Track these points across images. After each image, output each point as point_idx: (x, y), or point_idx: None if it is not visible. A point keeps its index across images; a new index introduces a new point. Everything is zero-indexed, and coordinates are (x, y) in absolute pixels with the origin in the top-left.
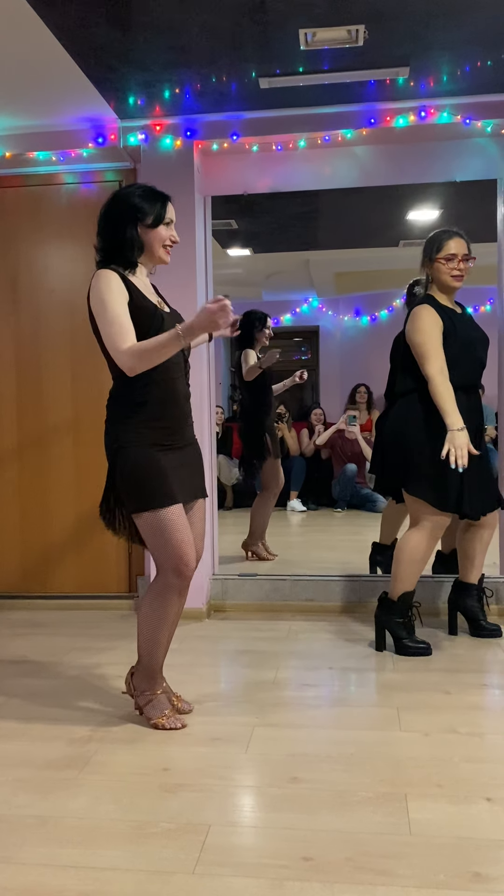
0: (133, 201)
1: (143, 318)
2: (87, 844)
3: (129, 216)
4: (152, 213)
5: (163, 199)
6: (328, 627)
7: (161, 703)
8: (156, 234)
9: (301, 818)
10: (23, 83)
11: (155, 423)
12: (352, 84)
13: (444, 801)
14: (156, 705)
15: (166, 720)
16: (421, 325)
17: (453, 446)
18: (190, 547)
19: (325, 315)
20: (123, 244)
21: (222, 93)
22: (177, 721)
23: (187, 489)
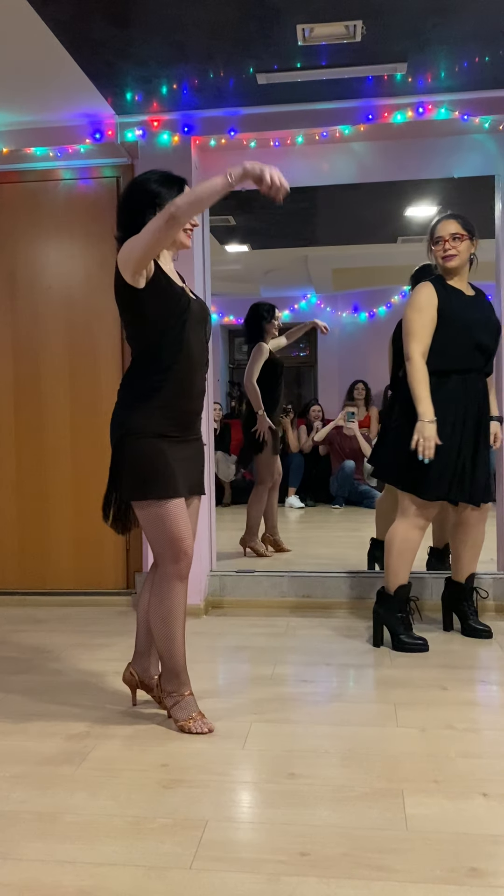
0: (150, 187)
1: (171, 298)
2: (84, 840)
3: (148, 202)
4: (170, 197)
5: (179, 182)
6: (326, 623)
7: (189, 705)
8: None
9: (298, 813)
10: (20, 79)
11: (166, 412)
12: (349, 80)
13: (440, 796)
14: (183, 707)
15: (193, 723)
16: (414, 300)
17: (421, 437)
18: (188, 536)
19: (323, 311)
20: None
21: (220, 88)
22: (204, 725)
23: (188, 484)
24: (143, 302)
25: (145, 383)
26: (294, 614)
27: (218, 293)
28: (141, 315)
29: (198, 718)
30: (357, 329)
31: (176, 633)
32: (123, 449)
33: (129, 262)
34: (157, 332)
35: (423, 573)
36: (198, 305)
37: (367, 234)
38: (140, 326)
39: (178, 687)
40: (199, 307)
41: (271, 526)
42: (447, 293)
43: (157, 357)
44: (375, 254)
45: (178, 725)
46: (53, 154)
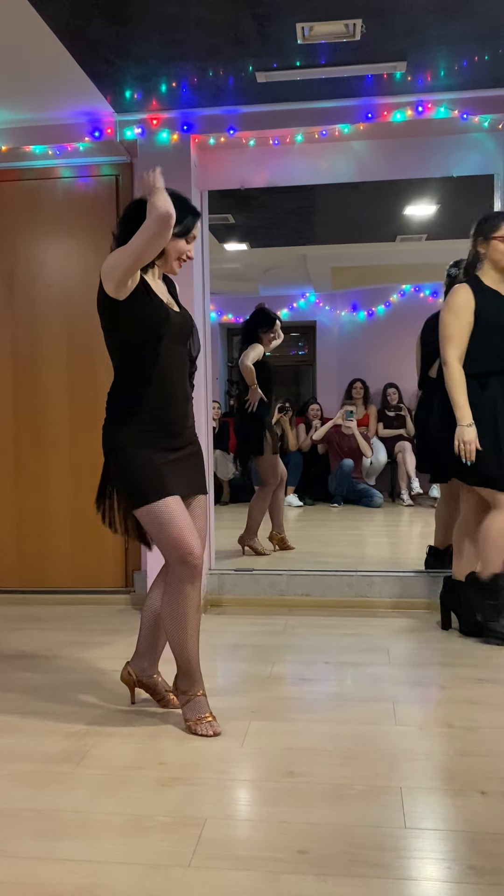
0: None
1: (148, 310)
2: (83, 838)
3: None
4: (182, 223)
5: (195, 213)
6: (324, 622)
7: (199, 706)
8: (176, 244)
9: (297, 812)
10: (19, 77)
11: (150, 426)
12: (349, 78)
13: (438, 794)
14: (193, 707)
15: (200, 725)
16: (452, 303)
17: (462, 441)
18: (191, 535)
19: (322, 310)
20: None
21: (219, 87)
22: (210, 727)
23: (184, 484)
24: (121, 314)
25: (126, 398)
26: (293, 613)
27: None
28: (118, 328)
29: (205, 721)
30: (356, 328)
31: (189, 636)
32: (111, 465)
33: (116, 271)
34: (134, 347)
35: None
36: (180, 318)
37: (366, 232)
38: (118, 339)
39: (191, 686)
40: (182, 320)
41: (278, 524)
42: (483, 295)
43: (134, 370)
44: (374, 252)
45: (186, 725)
46: (52, 152)
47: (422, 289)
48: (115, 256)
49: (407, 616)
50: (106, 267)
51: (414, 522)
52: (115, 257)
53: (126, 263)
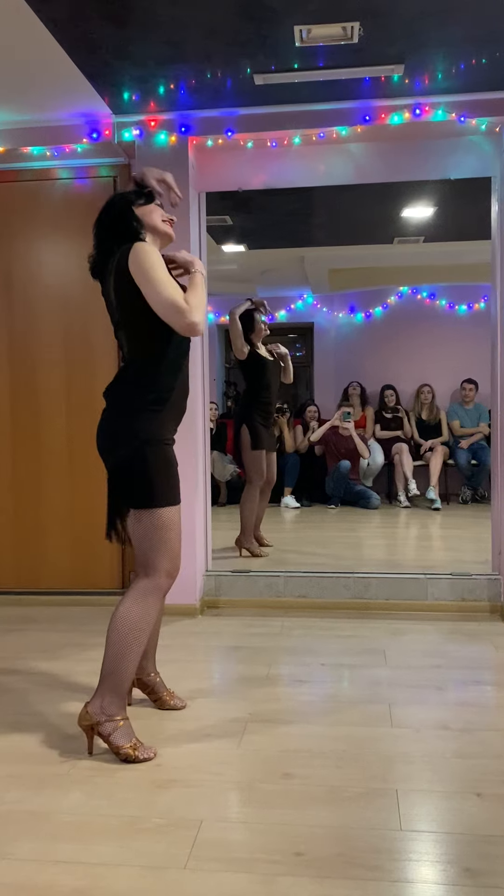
0: (122, 193)
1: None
2: (79, 840)
3: (124, 204)
4: (141, 193)
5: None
6: (321, 624)
7: (127, 731)
8: (151, 212)
9: (293, 814)
10: (17, 78)
11: (171, 416)
12: (347, 81)
13: (434, 796)
14: (123, 733)
15: (138, 751)
16: None
17: None
18: (179, 549)
19: (319, 311)
20: (125, 222)
21: (217, 89)
22: (148, 751)
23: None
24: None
25: (156, 385)
26: (289, 615)
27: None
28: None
29: (138, 744)
30: (353, 329)
31: (137, 650)
32: (143, 458)
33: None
34: (166, 337)
35: (419, 574)
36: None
37: (364, 234)
38: (151, 331)
39: (118, 710)
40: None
41: (257, 520)
42: None
43: (167, 361)
44: (372, 254)
45: (121, 753)
46: (50, 153)
47: (419, 291)
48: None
49: (403, 618)
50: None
51: (411, 524)
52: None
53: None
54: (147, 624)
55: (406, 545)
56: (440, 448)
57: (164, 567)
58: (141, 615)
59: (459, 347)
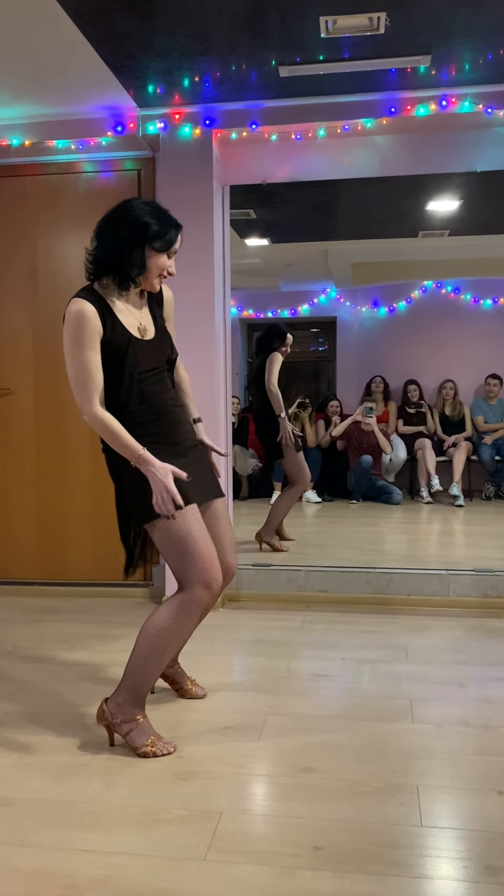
0: (145, 219)
1: (111, 350)
2: (100, 829)
3: (139, 234)
4: (163, 237)
5: (177, 227)
6: (342, 618)
7: (145, 731)
8: (158, 260)
9: (312, 807)
10: (42, 71)
11: (147, 436)
12: (372, 72)
13: (455, 793)
14: (140, 732)
15: (155, 748)
16: None
17: None
18: (214, 558)
19: (342, 306)
20: (124, 261)
21: (242, 81)
22: (167, 746)
23: (199, 490)
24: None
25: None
26: (310, 609)
27: (238, 287)
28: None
29: (157, 741)
30: (376, 324)
31: (164, 659)
32: (123, 481)
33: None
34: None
35: (441, 570)
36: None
37: (388, 228)
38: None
39: (136, 712)
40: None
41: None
42: None
43: (114, 394)
44: (396, 248)
45: (139, 752)
46: (75, 147)
47: (443, 285)
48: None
49: (425, 614)
50: (66, 342)
51: (433, 520)
52: (71, 363)
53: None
54: (177, 636)
55: (428, 541)
56: (464, 444)
57: (195, 577)
58: (172, 626)
59: (484, 342)
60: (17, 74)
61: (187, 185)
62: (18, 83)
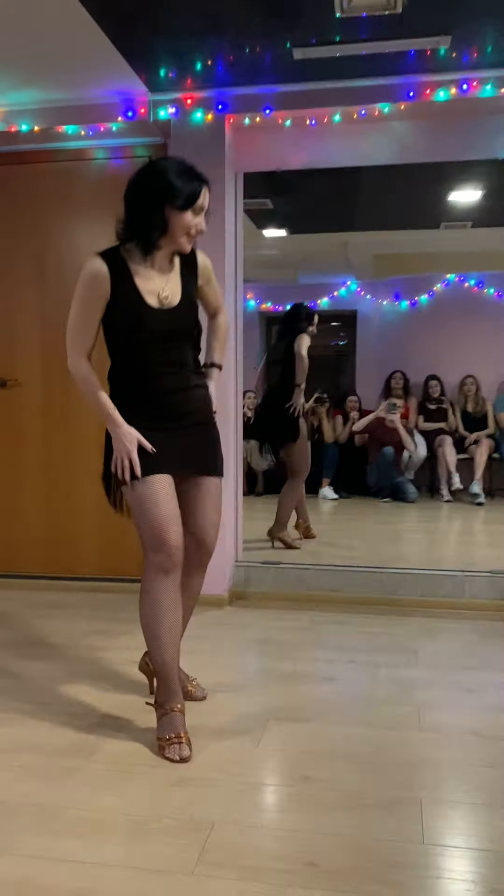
0: (168, 177)
1: (119, 312)
2: (86, 837)
3: (160, 193)
4: (184, 194)
5: (199, 180)
6: (351, 620)
7: (172, 723)
8: (181, 218)
9: (309, 820)
10: (51, 55)
11: (139, 409)
12: (390, 55)
13: (461, 808)
14: (166, 724)
15: (169, 747)
16: None
17: None
18: (171, 522)
19: (363, 299)
20: (146, 223)
21: (255, 64)
22: (178, 752)
23: (183, 464)
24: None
25: (118, 382)
26: (320, 609)
27: (255, 280)
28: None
29: (175, 742)
30: (397, 317)
31: (162, 634)
32: (107, 438)
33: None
34: (115, 341)
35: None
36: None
37: (409, 219)
38: (105, 327)
39: (168, 698)
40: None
41: (304, 513)
42: None
43: (118, 363)
44: (418, 240)
45: (157, 744)
46: (85, 132)
47: (466, 278)
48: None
49: (438, 616)
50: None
51: (452, 519)
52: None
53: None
54: (159, 607)
55: (445, 540)
56: (486, 441)
57: (146, 540)
58: (148, 601)
59: None
60: (26, 58)
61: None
62: (27, 67)
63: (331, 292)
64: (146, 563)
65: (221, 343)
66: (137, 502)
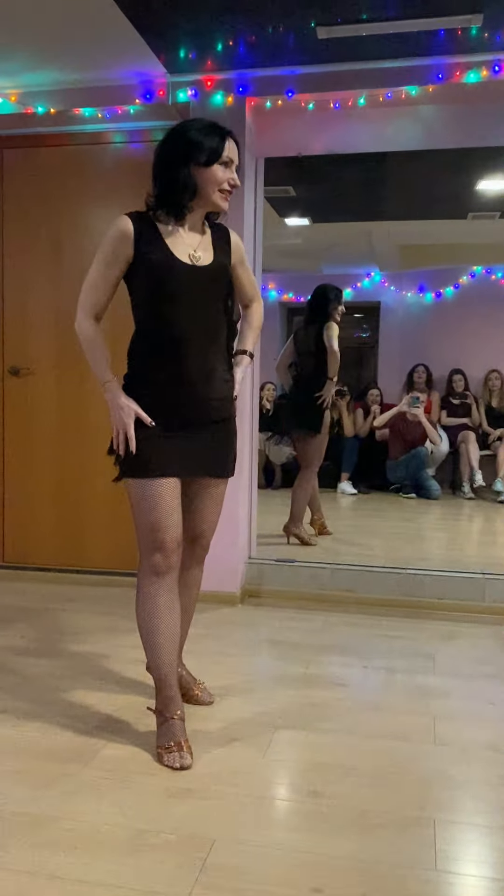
0: (189, 136)
1: (146, 268)
2: (79, 852)
3: (182, 153)
4: (207, 149)
5: (221, 133)
6: (367, 621)
7: (171, 731)
8: (210, 174)
9: (315, 840)
10: (67, 35)
11: (158, 396)
12: (418, 34)
13: (477, 831)
14: (164, 731)
15: (168, 755)
16: None
17: None
18: (169, 525)
19: (387, 291)
20: (174, 185)
21: (278, 45)
22: (178, 760)
23: (191, 465)
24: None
25: (136, 362)
26: (334, 609)
27: (277, 269)
28: (129, 281)
29: (175, 750)
30: (422, 310)
31: (157, 638)
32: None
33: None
34: (140, 304)
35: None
36: (196, 273)
37: (436, 208)
38: (130, 294)
39: (166, 705)
40: (202, 275)
41: (317, 507)
42: None
43: (143, 334)
44: (444, 230)
45: (156, 752)
46: (102, 115)
47: (493, 271)
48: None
49: (458, 620)
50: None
51: (474, 517)
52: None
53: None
54: (155, 610)
55: (467, 540)
56: None
57: (143, 543)
58: (143, 604)
59: None
60: (41, 38)
61: None
62: (42, 47)
63: (354, 283)
64: (141, 564)
65: (255, 331)
66: (137, 499)
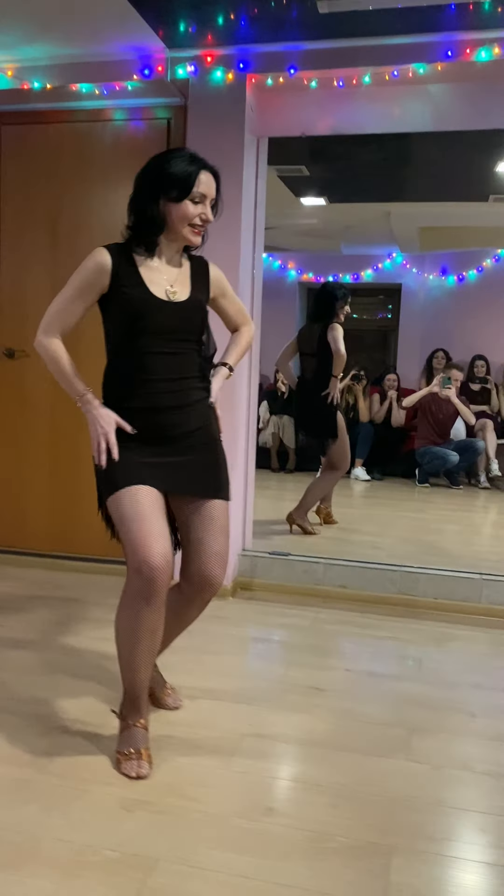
0: (162, 168)
1: (121, 304)
2: (14, 868)
3: (154, 186)
4: (179, 184)
5: (198, 167)
6: (357, 620)
7: (133, 738)
8: (181, 209)
9: (264, 865)
10: (63, 6)
11: (132, 420)
12: (426, 8)
13: (435, 863)
14: (126, 738)
15: (126, 762)
16: None
17: None
18: (155, 541)
19: (408, 272)
20: (142, 218)
21: (280, 19)
22: (135, 768)
23: (169, 479)
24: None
25: (109, 392)
26: (326, 605)
27: (295, 248)
28: (103, 312)
29: (134, 758)
30: (444, 293)
31: (139, 659)
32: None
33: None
34: (114, 339)
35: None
36: (170, 311)
37: (456, 190)
38: (104, 325)
39: (130, 713)
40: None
41: (327, 496)
42: None
43: (114, 365)
44: (467, 213)
45: (116, 757)
46: (100, 91)
47: None
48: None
49: (450, 621)
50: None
51: (488, 509)
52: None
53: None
54: (135, 632)
55: (477, 534)
56: None
57: (131, 562)
58: (125, 621)
59: None
60: (37, 9)
61: (216, 137)
62: (38, 20)
63: (375, 264)
64: (127, 583)
65: (241, 348)
66: (118, 517)
